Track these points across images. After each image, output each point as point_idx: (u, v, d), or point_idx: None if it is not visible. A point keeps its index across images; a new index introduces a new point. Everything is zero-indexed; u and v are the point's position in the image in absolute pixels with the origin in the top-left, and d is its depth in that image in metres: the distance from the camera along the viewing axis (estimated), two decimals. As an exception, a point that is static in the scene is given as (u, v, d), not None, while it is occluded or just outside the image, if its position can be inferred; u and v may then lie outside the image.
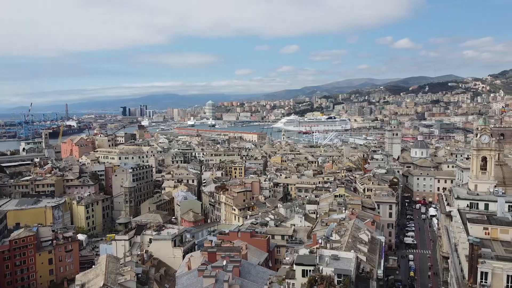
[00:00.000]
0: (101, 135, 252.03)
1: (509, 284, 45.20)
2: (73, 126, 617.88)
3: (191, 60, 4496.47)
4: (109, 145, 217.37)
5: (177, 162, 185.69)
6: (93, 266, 68.92)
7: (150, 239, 75.70)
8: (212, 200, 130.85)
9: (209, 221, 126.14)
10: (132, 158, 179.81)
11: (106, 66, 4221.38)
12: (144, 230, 79.97)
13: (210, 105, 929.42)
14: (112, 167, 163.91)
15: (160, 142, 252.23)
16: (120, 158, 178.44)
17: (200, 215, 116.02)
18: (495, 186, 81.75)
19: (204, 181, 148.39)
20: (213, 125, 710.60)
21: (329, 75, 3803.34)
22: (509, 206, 66.89)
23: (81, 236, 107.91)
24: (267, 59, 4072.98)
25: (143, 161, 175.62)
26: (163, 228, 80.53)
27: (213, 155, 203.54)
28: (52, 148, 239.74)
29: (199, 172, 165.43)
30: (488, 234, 54.22)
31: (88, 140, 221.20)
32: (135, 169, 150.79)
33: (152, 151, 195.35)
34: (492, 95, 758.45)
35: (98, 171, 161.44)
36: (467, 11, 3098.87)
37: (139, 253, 70.14)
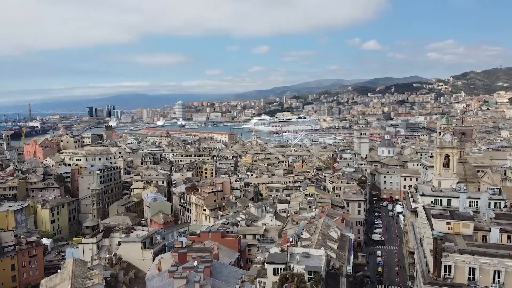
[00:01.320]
0: (67, 136, 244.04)
1: (471, 276, 47.21)
2: (37, 127, 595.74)
3: (161, 60, 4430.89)
4: (75, 147, 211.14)
5: (146, 163, 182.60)
6: (59, 271, 66.74)
7: (118, 241, 74.10)
8: (183, 201, 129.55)
9: (179, 222, 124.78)
10: (100, 159, 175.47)
11: (73, 65, 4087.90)
12: (112, 232, 78.25)
13: (180, 105, 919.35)
14: (79, 169, 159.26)
15: (129, 143, 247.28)
16: (86, 160, 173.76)
17: (170, 217, 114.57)
18: (457, 183, 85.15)
19: (174, 182, 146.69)
20: (183, 126, 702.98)
21: (300, 76, 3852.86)
22: (470, 201, 69.73)
23: (45, 241, 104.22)
24: (238, 59, 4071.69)
25: (111, 163, 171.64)
26: (132, 230, 79.06)
27: (183, 155, 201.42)
28: (14, 149, 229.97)
29: (169, 173, 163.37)
30: (451, 228, 56.30)
31: (52, 141, 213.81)
32: (102, 171, 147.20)
33: (120, 152, 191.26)
34: (454, 95, 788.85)
35: (64, 173, 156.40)
36: (431, 15, 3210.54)
37: (107, 256, 68.49)
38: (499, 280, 45.86)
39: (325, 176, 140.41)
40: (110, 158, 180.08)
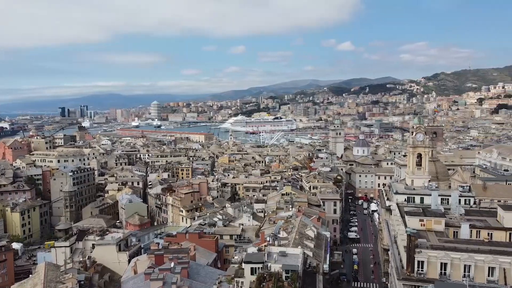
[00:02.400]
0: (38, 137, 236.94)
1: (442, 271, 48.58)
2: (6, 128, 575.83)
3: (137, 59, 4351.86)
4: (47, 148, 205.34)
5: (121, 164, 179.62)
6: (30, 275, 64.82)
7: (93, 244, 72.59)
8: (159, 202, 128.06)
9: (155, 223, 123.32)
10: (72, 161, 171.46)
11: (44, 65, 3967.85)
12: (86, 235, 76.56)
13: (155, 105, 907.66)
14: (50, 171, 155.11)
15: (103, 144, 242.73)
16: (59, 161, 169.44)
17: (146, 218, 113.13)
18: (429, 181, 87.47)
19: (150, 183, 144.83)
20: (159, 126, 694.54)
21: (276, 76, 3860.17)
22: (441, 199, 71.76)
23: (16, 245, 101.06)
24: (215, 59, 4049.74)
25: (84, 164, 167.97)
26: (107, 232, 77.53)
27: (159, 156, 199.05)
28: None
29: (144, 174, 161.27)
30: (424, 225, 57.81)
31: (23, 142, 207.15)
32: (75, 172, 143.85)
33: (94, 153, 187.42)
34: (425, 96, 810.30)
35: (35, 175, 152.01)
36: (404, 17, 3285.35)
37: (81, 259, 66.94)
38: (469, 274, 47.37)
39: (301, 176, 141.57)
40: (84, 159, 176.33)
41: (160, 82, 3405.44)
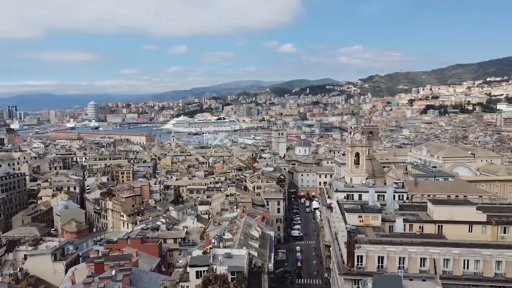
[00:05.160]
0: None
1: (380, 264, 51.22)
2: None
3: (71, 57, 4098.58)
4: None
5: (55, 169, 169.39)
6: (-48, 293, 59.23)
7: (25, 255, 67.75)
8: (98, 208, 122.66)
9: (94, 230, 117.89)
10: (0, 165, 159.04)
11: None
12: (17, 246, 71.33)
13: (92, 106, 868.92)
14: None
15: (35, 147, 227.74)
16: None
17: (84, 225, 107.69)
18: (367, 178, 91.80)
19: (88, 187, 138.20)
20: (97, 127, 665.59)
21: (218, 77, 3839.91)
22: (378, 195, 75.61)
23: None
24: (156, 59, 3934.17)
25: (13, 169, 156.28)
26: (41, 242, 72.81)
27: (97, 159, 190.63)
28: None
29: (81, 178, 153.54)
30: (362, 221, 60.53)
31: None
32: (4, 178, 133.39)
33: (24, 157, 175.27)
34: (362, 97, 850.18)
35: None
36: (341, 21, 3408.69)
37: (11, 272, 62.28)
38: (403, 266, 50.37)
39: (245, 176, 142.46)
40: (13, 164, 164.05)
41: (97, 81, 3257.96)
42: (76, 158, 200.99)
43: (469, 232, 58.08)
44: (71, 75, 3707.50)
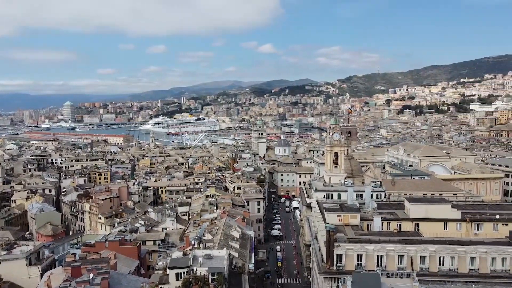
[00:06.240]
0: None
1: (359, 262, 51.95)
2: None
3: (46, 56, 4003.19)
4: None
5: (30, 171, 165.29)
6: None
7: (-2, 260, 65.83)
8: (74, 210, 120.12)
9: (71, 233, 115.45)
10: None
11: None
12: (-11, 250, 69.15)
13: (68, 106, 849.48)
14: None
15: (8, 149, 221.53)
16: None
17: (60, 228, 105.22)
18: (345, 178, 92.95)
19: (64, 189, 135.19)
20: (73, 128, 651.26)
21: (197, 77, 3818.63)
22: (356, 194, 76.62)
23: None
24: (133, 58, 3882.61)
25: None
26: (15, 246, 70.83)
27: (74, 160, 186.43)
28: None
29: (57, 180, 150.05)
30: (341, 220, 61.34)
31: None
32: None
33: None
34: (340, 97, 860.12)
35: None
36: (320, 22, 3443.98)
37: (-16, 278, 60.40)
38: (382, 264, 51.23)
39: (225, 177, 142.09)
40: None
41: (73, 81, 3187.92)
42: (52, 160, 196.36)
43: (444, 229, 59.64)
44: (46, 75, 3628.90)
